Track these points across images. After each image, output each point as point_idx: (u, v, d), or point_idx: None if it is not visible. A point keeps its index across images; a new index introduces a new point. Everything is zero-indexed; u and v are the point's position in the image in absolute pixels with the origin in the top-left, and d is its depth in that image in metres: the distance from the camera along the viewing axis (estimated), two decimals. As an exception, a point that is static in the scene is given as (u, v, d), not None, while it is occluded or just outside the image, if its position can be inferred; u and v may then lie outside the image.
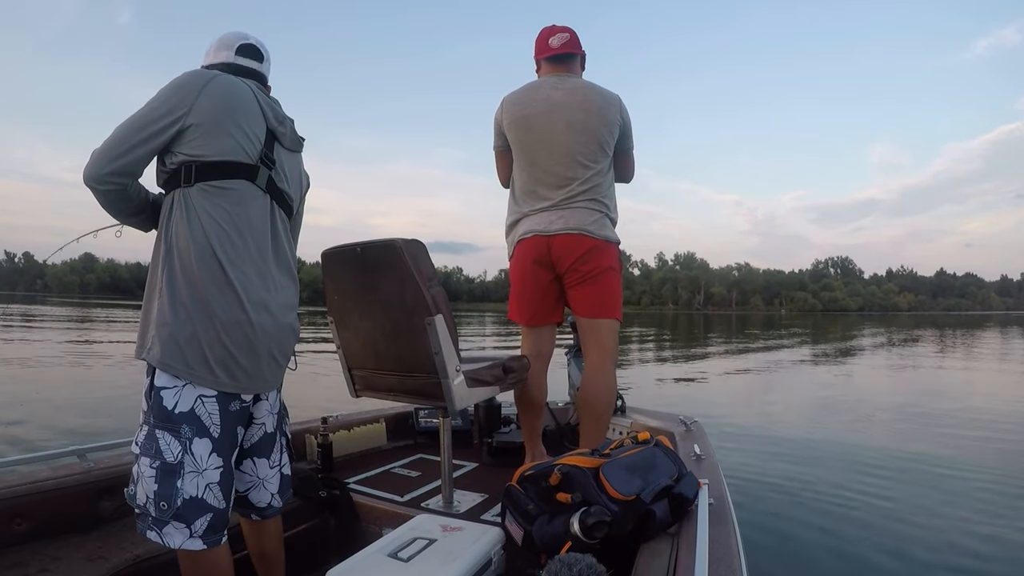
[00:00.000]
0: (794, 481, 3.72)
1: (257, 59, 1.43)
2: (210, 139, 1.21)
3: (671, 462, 1.50)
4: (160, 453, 1.16)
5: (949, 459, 4.33)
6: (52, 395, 6.07)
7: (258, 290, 1.25)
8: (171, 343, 1.16)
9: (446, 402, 1.72)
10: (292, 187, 1.38)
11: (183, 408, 1.17)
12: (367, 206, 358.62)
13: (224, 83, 1.26)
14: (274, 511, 1.41)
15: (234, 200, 1.23)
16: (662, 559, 1.17)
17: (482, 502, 1.90)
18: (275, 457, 1.40)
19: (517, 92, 2.14)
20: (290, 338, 1.36)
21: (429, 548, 1.37)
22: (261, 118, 1.30)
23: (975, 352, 16.12)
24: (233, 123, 1.24)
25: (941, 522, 3.06)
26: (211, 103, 1.22)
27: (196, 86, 1.22)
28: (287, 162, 1.37)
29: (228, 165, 1.23)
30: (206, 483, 1.18)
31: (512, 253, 2.18)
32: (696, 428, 2.37)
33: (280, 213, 1.34)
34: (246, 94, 1.29)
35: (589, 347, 2.13)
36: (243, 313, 1.21)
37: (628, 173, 2.28)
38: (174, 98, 1.21)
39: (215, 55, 1.40)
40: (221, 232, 1.20)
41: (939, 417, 6.06)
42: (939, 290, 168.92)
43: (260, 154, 1.28)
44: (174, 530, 1.16)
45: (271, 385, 1.34)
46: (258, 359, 1.25)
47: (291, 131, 1.38)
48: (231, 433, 1.23)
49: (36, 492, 1.51)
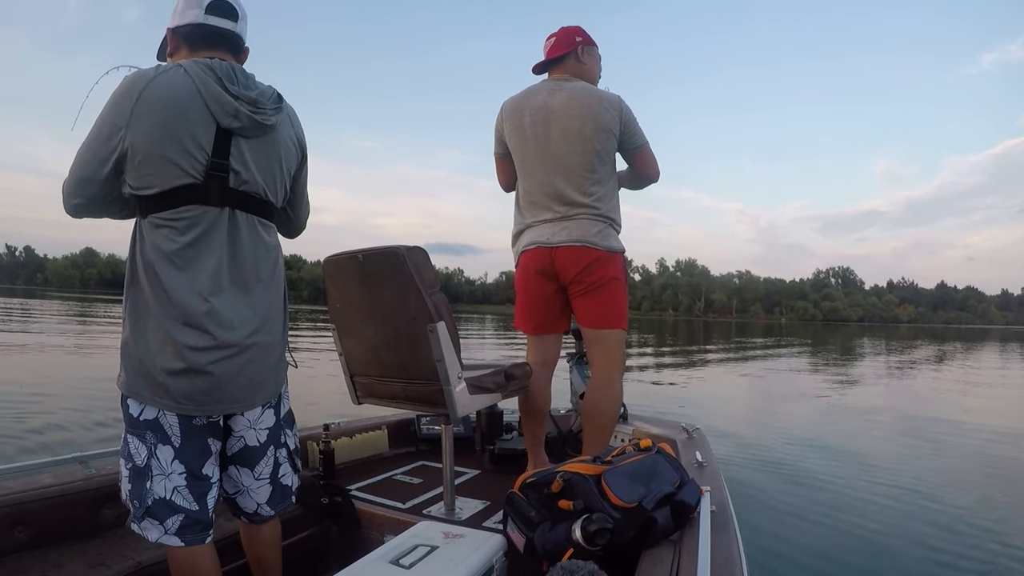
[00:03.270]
0: (796, 489, 3.72)
1: (231, 18, 1.27)
2: (149, 167, 1.14)
3: (673, 469, 1.50)
4: (131, 456, 1.21)
5: (952, 470, 4.33)
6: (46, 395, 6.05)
7: (212, 316, 1.19)
8: (131, 371, 1.19)
9: (448, 409, 1.72)
10: (263, 176, 1.26)
11: (147, 416, 1.20)
12: (370, 206, 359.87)
13: (158, 90, 1.14)
14: (262, 519, 1.40)
15: (181, 230, 1.17)
16: (664, 566, 1.17)
17: (484, 509, 1.90)
18: (261, 469, 1.36)
19: (516, 98, 2.15)
20: (261, 356, 1.27)
21: (431, 555, 1.37)
22: (209, 120, 1.17)
23: (973, 368, 16.07)
24: (172, 142, 1.14)
25: (944, 532, 3.05)
26: (146, 121, 1.13)
27: (130, 100, 1.13)
28: (253, 152, 1.24)
29: (170, 194, 1.16)
30: (173, 486, 1.20)
31: (517, 263, 2.19)
32: (698, 435, 2.37)
33: (244, 218, 1.24)
34: (185, 98, 1.15)
35: (596, 357, 2.11)
36: (198, 340, 1.17)
37: (649, 170, 2.18)
38: (110, 119, 1.15)
39: (182, 15, 1.25)
40: (167, 265, 1.17)
41: (942, 429, 6.05)
42: (940, 303, 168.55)
43: (207, 167, 1.18)
44: (150, 525, 1.21)
45: (243, 405, 1.28)
46: (218, 382, 1.21)
47: (247, 120, 1.20)
48: (197, 444, 1.23)
49: (38, 499, 1.51)
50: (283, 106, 1.30)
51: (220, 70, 1.19)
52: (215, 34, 1.25)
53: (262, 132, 1.24)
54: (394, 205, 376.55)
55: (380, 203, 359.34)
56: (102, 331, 15.02)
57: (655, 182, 2.24)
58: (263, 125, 1.23)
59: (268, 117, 1.24)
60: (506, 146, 2.17)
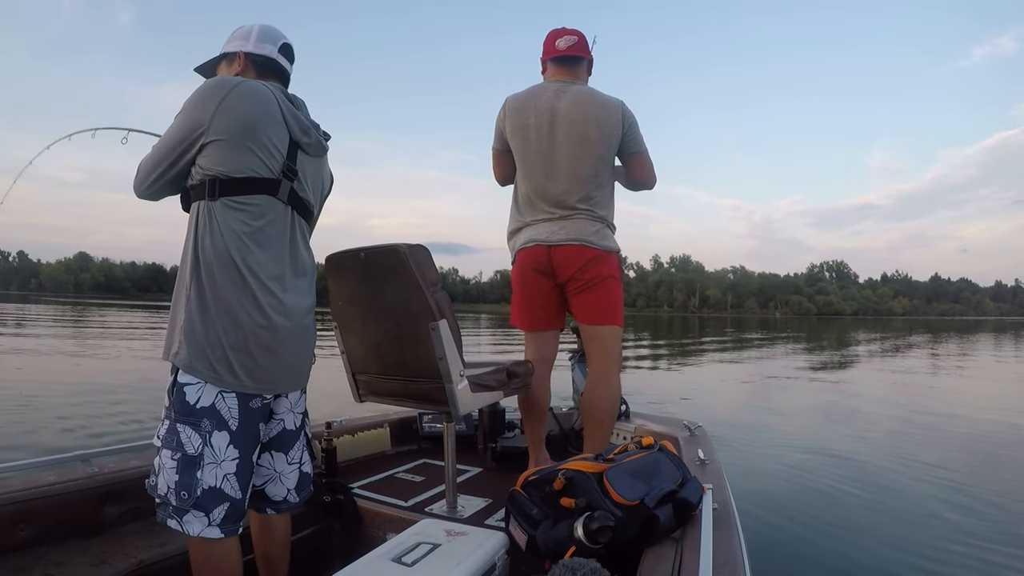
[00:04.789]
0: (798, 486, 3.73)
1: (291, 60, 1.48)
2: (231, 154, 1.25)
3: (675, 467, 1.50)
4: (181, 445, 1.22)
5: (954, 463, 4.33)
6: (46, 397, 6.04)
7: (277, 297, 1.30)
8: (196, 347, 1.23)
9: (450, 407, 1.73)
10: (313, 194, 1.43)
11: (204, 403, 1.23)
12: (366, 207, 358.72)
13: (247, 93, 1.28)
14: (289, 505, 1.44)
15: (255, 215, 1.28)
16: (666, 564, 1.18)
17: (486, 507, 1.90)
18: (294, 454, 1.43)
19: (521, 96, 2.14)
20: (309, 339, 1.42)
21: (433, 553, 1.37)
22: (284, 129, 1.32)
23: (970, 358, 16.11)
24: (255, 138, 1.26)
25: (947, 525, 3.06)
26: (233, 116, 1.25)
27: (215, 99, 1.25)
28: (309, 169, 1.40)
29: (250, 181, 1.27)
30: (224, 473, 1.23)
31: (514, 260, 2.20)
32: (700, 433, 2.37)
33: (300, 221, 1.39)
34: (270, 105, 1.30)
35: (593, 354, 2.14)
36: (264, 318, 1.28)
37: (646, 176, 2.20)
38: (193, 116, 1.26)
39: (257, 45, 1.42)
40: (243, 245, 1.26)
41: (941, 421, 6.06)
42: (934, 295, 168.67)
43: (282, 167, 1.31)
44: (193, 518, 1.21)
45: (291, 385, 1.39)
46: (277, 361, 1.31)
47: (315, 139, 1.39)
48: (251, 428, 1.29)
49: (40, 497, 1.51)
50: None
51: (289, 96, 1.38)
52: (279, 71, 1.45)
53: (320, 153, 1.44)
54: (389, 206, 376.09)
55: (375, 204, 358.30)
56: (99, 337, 14.97)
57: (650, 188, 2.24)
58: (323, 146, 1.43)
59: (326, 143, 1.45)
60: (506, 142, 2.17)
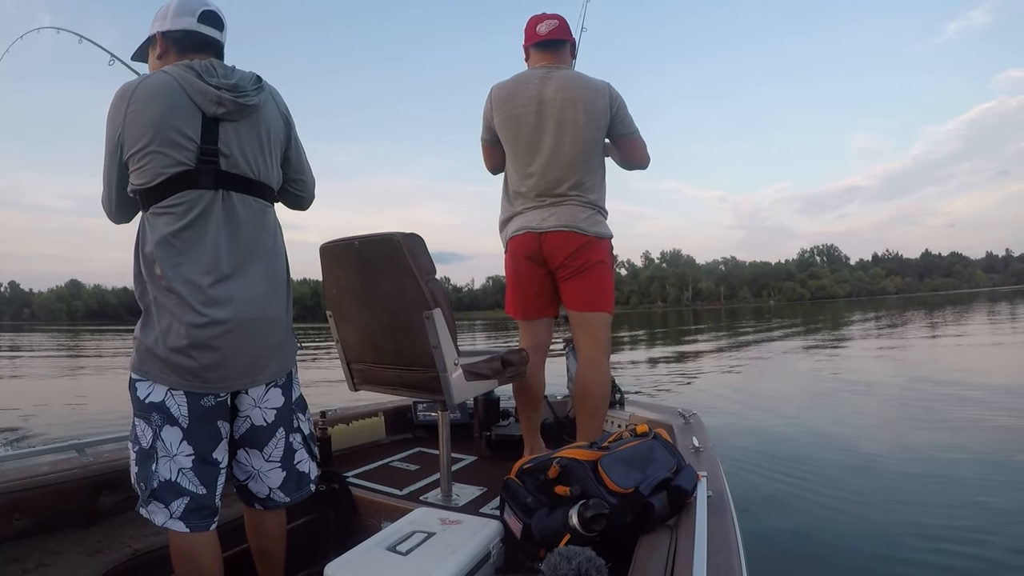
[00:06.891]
0: (793, 473, 3.74)
1: (218, 27, 1.37)
2: (144, 163, 1.23)
3: (670, 455, 1.50)
4: (138, 439, 1.26)
5: (949, 446, 4.31)
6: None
7: (214, 292, 1.24)
8: (142, 352, 1.26)
9: (445, 395, 1.73)
10: (253, 158, 1.32)
11: (154, 399, 1.24)
12: (351, 220, 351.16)
13: (145, 95, 1.22)
14: (276, 504, 1.41)
15: (180, 214, 1.24)
16: (661, 552, 1.18)
17: (481, 495, 1.91)
18: (271, 451, 1.38)
19: (506, 85, 2.12)
20: (267, 329, 1.33)
21: (428, 541, 1.38)
22: (194, 112, 1.24)
23: (967, 330, 16.13)
24: (162, 137, 1.21)
25: (941, 510, 3.05)
26: (138, 124, 1.22)
27: (120, 114, 1.24)
28: (239, 134, 1.30)
29: (166, 183, 1.23)
30: (178, 468, 1.23)
31: (506, 248, 2.19)
32: (695, 421, 2.38)
33: (239, 199, 1.30)
34: (172, 95, 1.23)
35: (581, 340, 2.13)
36: (198, 317, 1.22)
37: (639, 156, 2.19)
38: (109, 135, 1.26)
39: (174, 20, 1.32)
40: (169, 248, 1.23)
41: (938, 403, 6.03)
42: (925, 271, 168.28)
43: (197, 154, 1.24)
44: (156, 509, 1.23)
45: (250, 380, 1.32)
46: (224, 358, 1.25)
47: (232, 104, 1.26)
48: (206, 426, 1.27)
49: (35, 486, 1.51)
50: (263, 85, 1.36)
51: (199, 67, 1.27)
52: (204, 41, 1.35)
53: (246, 114, 1.30)
54: (376, 218, 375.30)
55: (361, 217, 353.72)
56: (94, 356, 14.86)
57: (644, 168, 2.25)
58: (246, 106, 1.29)
59: (250, 98, 1.29)
60: (495, 133, 2.16)
